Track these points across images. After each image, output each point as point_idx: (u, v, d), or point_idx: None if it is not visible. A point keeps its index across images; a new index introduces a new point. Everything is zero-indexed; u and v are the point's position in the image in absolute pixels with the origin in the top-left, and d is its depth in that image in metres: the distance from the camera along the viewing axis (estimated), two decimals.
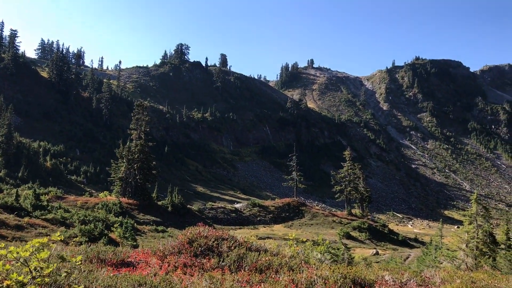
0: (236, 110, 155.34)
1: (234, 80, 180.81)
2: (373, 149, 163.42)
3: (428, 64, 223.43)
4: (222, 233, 8.87)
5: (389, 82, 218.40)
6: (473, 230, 16.42)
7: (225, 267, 7.37)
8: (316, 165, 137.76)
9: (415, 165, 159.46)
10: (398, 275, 8.37)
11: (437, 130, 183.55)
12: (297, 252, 9.78)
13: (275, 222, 71.02)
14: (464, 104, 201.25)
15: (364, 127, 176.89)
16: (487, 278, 8.58)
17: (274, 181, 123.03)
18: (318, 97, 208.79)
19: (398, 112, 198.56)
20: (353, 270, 7.37)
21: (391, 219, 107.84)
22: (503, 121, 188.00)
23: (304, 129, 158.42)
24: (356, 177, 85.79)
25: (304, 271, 7.18)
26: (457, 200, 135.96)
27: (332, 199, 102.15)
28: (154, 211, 57.75)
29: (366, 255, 46.43)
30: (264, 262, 7.44)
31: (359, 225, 68.38)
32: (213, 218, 65.89)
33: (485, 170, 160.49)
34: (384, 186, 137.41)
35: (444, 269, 11.02)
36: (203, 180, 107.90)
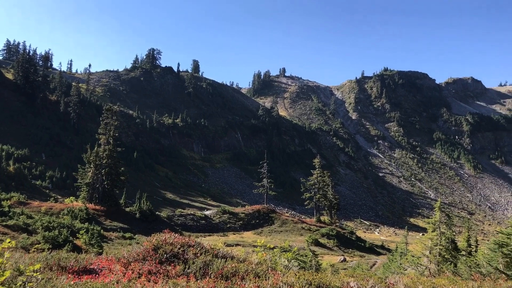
0: (208, 117, 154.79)
1: (206, 86, 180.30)
2: (342, 157, 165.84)
3: (396, 75, 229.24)
4: (188, 240, 8.77)
5: (358, 92, 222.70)
6: (436, 237, 16.88)
7: (191, 274, 7.28)
8: (287, 173, 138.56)
9: (382, 174, 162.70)
10: (363, 281, 8.49)
11: (404, 140, 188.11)
12: (264, 259, 9.78)
13: (245, 229, 70.87)
14: (429, 115, 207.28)
15: (333, 135, 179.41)
16: (447, 284, 8.82)
17: (245, 188, 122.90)
18: (289, 105, 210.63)
19: (367, 122, 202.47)
20: (318, 276, 7.43)
21: (358, 226, 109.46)
22: (466, 132, 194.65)
23: (276, 136, 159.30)
24: (325, 184, 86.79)
25: (270, 278, 7.18)
26: (422, 208, 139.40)
27: (302, 206, 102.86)
28: (122, 217, 56.64)
29: (334, 262, 46.91)
30: (230, 269, 7.40)
31: (328, 232, 69.10)
32: (182, 225, 65.18)
33: (449, 179, 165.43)
34: (352, 194, 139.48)
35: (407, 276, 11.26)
36: (173, 186, 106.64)
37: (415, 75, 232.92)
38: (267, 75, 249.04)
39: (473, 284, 10.39)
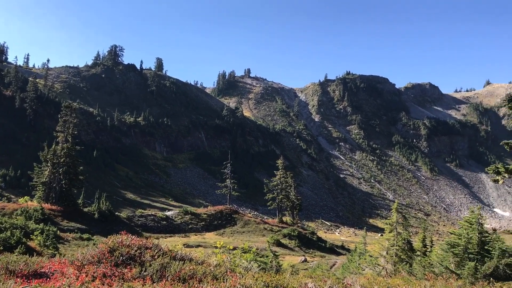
0: (171, 116, 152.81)
1: (170, 85, 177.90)
2: (305, 159, 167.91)
3: (358, 79, 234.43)
4: (146, 242, 8.60)
5: (321, 94, 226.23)
6: (393, 238, 17.38)
7: (147, 277, 7.14)
8: (250, 173, 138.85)
9: (343, 175, 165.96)
10: (321, 282, 8.60)
11: (364, 142, 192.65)
12: (224, 260, 9.74)
13: (207, 230, 70.42)
14: (389, 118, 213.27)
15: (297, 137, 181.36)
16: (402, 284, 9.10)
17: (208, 189, 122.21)
18: (254, 106, 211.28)
19: (329, 124, 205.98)
20: (276, 278, 7.47)
21: (320, 226, 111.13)
22: (424, 135, 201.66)
23: (240, 137, 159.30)
24: (288, 185, 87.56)
25: (228, 280, 7.15)
26: (381, 209, 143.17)
27: (265, 206, 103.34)
28: (80, 218, 55.07)
29: (295, 263, 47.38)
30: (188, 271, 7.31)
31: (289, 232, 69.68)
32: (143, 226, 64.06)
33: (407, 181, 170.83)
34: (314, 195, 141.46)
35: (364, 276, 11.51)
36: (133, 186, 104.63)
37: (376, 80, 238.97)
38: (232, 75, 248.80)
39: (426, 284, 10.75)
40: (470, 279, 11.93)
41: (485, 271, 12.08)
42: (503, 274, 12.12)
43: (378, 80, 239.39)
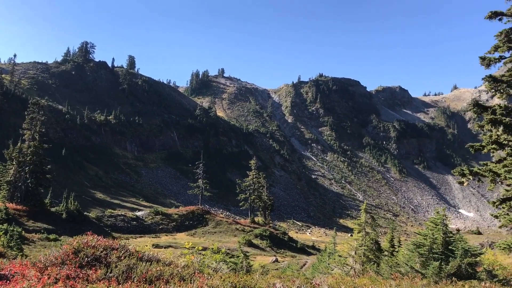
0: (143, 114, 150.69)
1: (142, 83, 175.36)
2: (278, 159, 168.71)
3: (330, 81, 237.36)
4: (112, 243, 8.44)
5: (294, 96, 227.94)
6: (361, 238, 17.69)
7: (113, 279, 7.01)
8: (223, 173, 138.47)
9: (315, 176, 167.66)
10: (290, 282, 8.65)
11: (336, 144, 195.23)
12: (192, 261, 9.67)
13: (178, 230, 69.83)
14: (360, 121, 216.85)
15: (270, 137, 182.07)
16: (369, 284, 9.25)
17: (180, 189, 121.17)
18: (227, 106, 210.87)
19: (302, 125, 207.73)
20: (244, 279, 7.46)
21: (291, 227, 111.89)
22: (393, 138, 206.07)
23: (213, 137, 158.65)
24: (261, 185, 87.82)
25: (196, 281, 7.10)
26: (351, 209, 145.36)
27: (237, 207, 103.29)
28: (47, 218, 53.62)
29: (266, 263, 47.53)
30: (154, 272, 7.21)
31: (261, 232, 69.90)
32: (112, 226, 62.97)
33: (376, 182, 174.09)
34: (286, 195, 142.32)
35: (333, 276, 11.66)
36: (103, 186, 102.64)
37: (348, 82, 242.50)
38: (206, 74, 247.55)
39: (392, 283, 10.98)
40: (434, 278, 12.25)
41: (449, 271, 12.43)
42: (465, 273, 12.51)
43: (350, 82, 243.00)
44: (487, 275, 12.74)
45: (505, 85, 31.59)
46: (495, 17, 32.49)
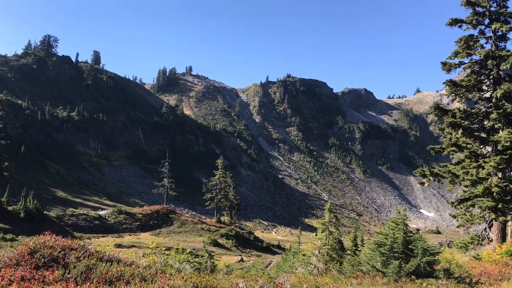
0: (108, 111, 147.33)
1: (107, 79, 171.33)
2: (245, 159, 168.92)
3: (298, 82, 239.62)
4: (71, 243, 8.19)
5: (262, 96, 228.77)
6: (325, 237, 17.96)
7: (71, 280, 6.80)
8: (189, 172, 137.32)
9: (281, 175, 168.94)
10: (253, 282, 8.66)
11: (303, 144, 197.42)
12: (155, 261, 9.53)
13: (142, 230, 68.83)
14: (326, 122, 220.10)
15: (237, 137, 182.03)
16: (330, 282, 9.41)
17: (145, 188, 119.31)
18: (194, 105, 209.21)
19: (269, 125, 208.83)
20: (206, 279, 7.42)
21: (257, 226, 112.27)
22: (358, 139, 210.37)
23: (179, 135, 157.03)
24: (227, 185, 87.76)
25: (157, 281, 6.99)
26: (317, 209, 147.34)
27: (203, 206, 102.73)
28: (4, 217, 51.69)
29: (231, 262, 47.50)
30: (115, 273, 7.04)
31: (227, 232, 69.84)
32: (74, 226, 61.38)
33: (341, 182, 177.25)
34: (252, 195, 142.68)
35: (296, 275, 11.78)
36: (64, 184, 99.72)
37: (315, 83, 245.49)
38: (173, 72, 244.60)
39: (354, 282, 11.19)
40: (394, 277, 12.57)
41: (408, 269, 12.78)
42: (424, 272, 12.90)
43: (317, 84, 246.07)
44: (444, 273, 13.18)
45: (464, 89, 32.82)
46: (455, 24, 33.70)
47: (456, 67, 33.34)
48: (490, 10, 32.03)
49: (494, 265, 20.26)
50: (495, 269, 19.28)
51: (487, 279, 16.19)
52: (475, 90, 32.88)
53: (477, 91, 33.10)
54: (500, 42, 32.51)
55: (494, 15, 31.97)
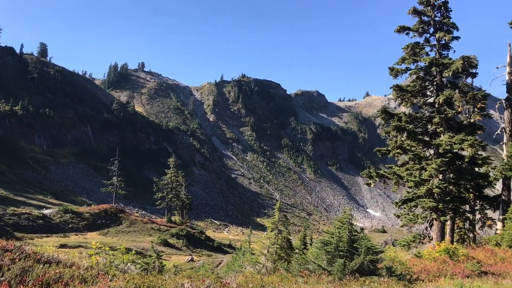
0: (54, 106, 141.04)
1: (55, 73, 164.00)
2: (198, 158, 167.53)
3: (252, 82, 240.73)
4: (6, 244, 7.77)
5: (217, 95, 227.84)
6: (274, 236, 18.17)
7: (4, 283, 6.45)
8: (140, 171, 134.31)
9: (234, 175, 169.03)
10: (199, 282, 8.61)
11: (256, 144, 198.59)
12: (97, 262, 9.24)
13: (89, 229, 66.63)
14: (280, 122, 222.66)
15: (190, 135, 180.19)
16: (277, 281, 9.52)
17: (93, 186, 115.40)
18: (147, 102, 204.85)
19: (223, 124, 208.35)
20: (149, 279, 7.29)
21: (209, 226, 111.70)
22: (310, 140, 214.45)
23: (130, 133, 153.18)
24: (179, 184, 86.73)
25: (98, 283, 6.78)
26: (269, 208, 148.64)
27: (153, 206, 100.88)
28: None
29: (181, 262, 46.97)
30: (53, 275, 6.75)
31: (178, 232, 69.04)
32: (15, 225, 58.35)
33: (293, 182, 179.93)
34: (205, 194, 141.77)
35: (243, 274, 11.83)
36: (6, 182, 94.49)
37: (269, 84, 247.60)
38: (125, 68, 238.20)
39: (300, 280, 11.40)
40: (339, 275, 12.91)
41: (352, 267, 13.17)
42: (367, 270, 13.35)
43: (271, 85, 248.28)
44: (386, 271, 13.69)
45: (410, 94, 34.26)
46: (403, 31, 35.10)
47: (402, 72, 34.76)
48: (435, 20, 33.66)
49: (433, 263, 21.31)
50: (434, 266, 20.29)
51: (427, 276, 17.00)
52: (420, 95, 34.43)
53: (421, 96, 34.67)
54: (443, 50, 34.24)
55: (439, 25, 33.63)
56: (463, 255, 22.05)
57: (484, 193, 34.02)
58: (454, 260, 21.32)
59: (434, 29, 33.92)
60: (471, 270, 17.93)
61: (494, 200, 33.47)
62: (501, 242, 26.89)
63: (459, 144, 29.39)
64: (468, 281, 14.41)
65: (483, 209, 34.26)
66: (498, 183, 34.95)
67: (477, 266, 18.62)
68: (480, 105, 32.57)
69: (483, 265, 19.82)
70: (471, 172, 31.80)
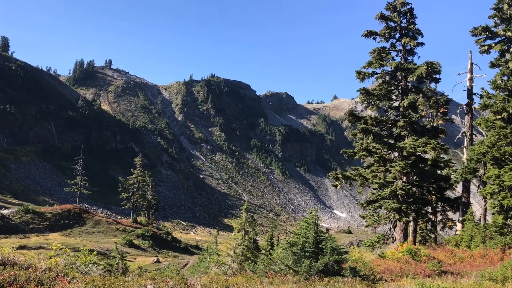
0: (16, 103, 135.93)
1: (17, 68, 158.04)
2: (165, 158, 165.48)
3: (222, 82, 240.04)
4: None
5: (186, 94, 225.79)
6: (240, 237, 18.13)
7: None
8: (105, 171, 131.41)
9: (202, 176, 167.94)
10: (163, 283, 8.45)
11: (225, 144, 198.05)
12: (57, 264, 8.93)
13: (51, 230, 64.59)
14: (249, 123, 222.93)
15: (158, 135, 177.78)
16: (242, 282, 9.48)
17: (56, 186, 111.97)
18: (113, 100, 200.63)
19: (192, 124, 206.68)
20: (111, 281, 7.09)
21: (175, 226, 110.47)
22: (278, 141, 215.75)
23: (96, 131, 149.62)
24: (145, 184, 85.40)
25: (56, 285, 6.54)
26: (237, 209, 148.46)
27: (119, 206, 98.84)
28: None
29: (147, 263, 46.20)
30: (7, 277, 6.45)
31: (143, 233, 67.94)
32: None
33: (261, 183, 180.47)
34: (172, 195, 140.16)
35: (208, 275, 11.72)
36: None
37: (239, 85, 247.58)
38: (91, 65, 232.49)
39: (265, 281, 11.39)
40: (305, 275, 13.00)
41: (318, 268, 13.28)
42: (332, 270, 13.50)
43: (240, 85, 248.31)
44: (351, 271, 13.89)
45: (376, 98, 34.98)
46: (370, 35, 35.81)
47: (369, 76, 35.47)
48: (401, 26, 34.52)
49: (396, 263, 21.80)
50: (397, 266, 20.75)
51: (390, 276, 17.37)
52: (386, 99, 35.21)
53: (387, 100, 35.46)
54: (408, 55, 35.16)
55: (404, 30, 34.51)
56: (425, 255, 22.66)
57: (446, 195, 35.12)
58: (416, 260, 21.88)
59: (400, 35, 34.79)
60: (432, 270, 18.44)
61: (455, 202, 34.64)
62: (460, 243, 27.84)
63: (423, 147, 30.22)
64: (428, 280, 14.80)
65: (444, 211, 35.36)
66: (458, 186, 36.20)
67: (438, 266, 19.16)
68: (442, 109, 33.66)
69: (443, 264, 20.43)
70: (433, 174, 32.76)
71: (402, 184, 31.25)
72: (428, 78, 33.50)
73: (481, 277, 14.74)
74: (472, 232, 27.18)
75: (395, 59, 35.48)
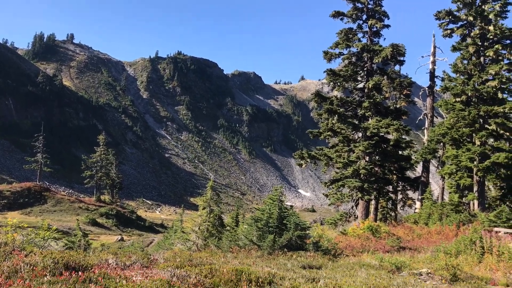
0: None
1: None
2: (130, 136, 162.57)
3: (189, 60, 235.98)
4: None
5: (151, 71, 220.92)
6: (205, 214, 18.18)
7: None
8: (67, 149, 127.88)
9: (168, 155, 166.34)
10: (125, 258, 8.38)
11: (191, 123, 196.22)
12: (14, 239, 8.69)
13: (10, 209, 62.78)
14: (216, 102, 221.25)
15: (122, 113, 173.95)
16: (205, 256, 9.55)
17: (15, 163, 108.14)
18: (75, 76, 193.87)
19: (157, 102, 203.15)
20: (68, 254, 6.96)
21: (140, 205, 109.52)
22: (245, 121, 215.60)
23: (57, 108, 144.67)
24: (109, 163, 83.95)
25: (12, 258, 6.36)
26: (203, 188, 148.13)
27: (82, 185, 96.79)
28: None
29: (110, 242, 45.73)
30: None
31: (107, 211, 67.08)
32: None
33: (228, 162, 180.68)
34: (137, 173, 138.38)
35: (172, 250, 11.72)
36: None
37: (206, 63, 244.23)
38: (52, 38, 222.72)
39: (229, 255, 11.49)
40: (268, 250, 13.21)
41: (281, 243, 13.52)
42: (295, 245, 13.79)
43: (208, 64, 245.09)
44: (313, 246, 14.22)
45: (342, 79, 35.36)
46: (337, 16, 35.93)
47: (336, 57, 35.73)
48: (368, 7, 34.80)
49: (358, 239, 22.49)
50: (358, 242, 21.41)
51: (351, 251, 17.92)
52: (351, 80, 35.67)
53: (353, 81, 35.93)
54: (374, 37, 35.59)
55: (371, 12, 34.82)
56: (385, 232, 23.47)
57: (406, 175, 36.28)
58: (376, 236, 22.63)
59: (367, 16, 35.09)
60: (391, 246, 19.15)
61: (415, 181, 35.89)
62: (419, 220, 28.98)
63: (386, 128, 30.96)
64: (388, 255, 15.37)
65: (405, 190, 36.61)
66: (418, 166, 37.46)
67: (397, 242, 19.92)
68: (405, 91, 34.48)
69: (402, 241, 21.25)
70: (395, 155, 33.71)
71: (365, 164, 32.01)
72: (392, 60, 34.12)
73: (437, 252, 15.44)
74: (430, 210, 28.33)
75: (362, 40, 35.86)
